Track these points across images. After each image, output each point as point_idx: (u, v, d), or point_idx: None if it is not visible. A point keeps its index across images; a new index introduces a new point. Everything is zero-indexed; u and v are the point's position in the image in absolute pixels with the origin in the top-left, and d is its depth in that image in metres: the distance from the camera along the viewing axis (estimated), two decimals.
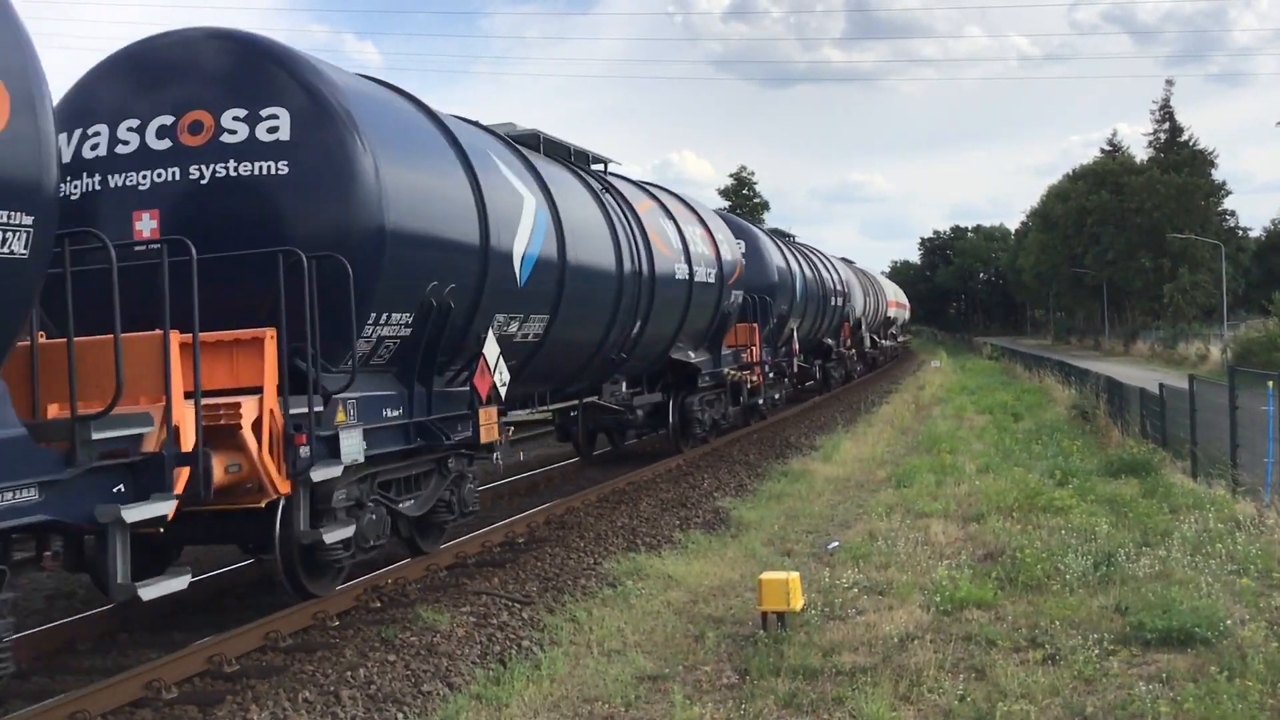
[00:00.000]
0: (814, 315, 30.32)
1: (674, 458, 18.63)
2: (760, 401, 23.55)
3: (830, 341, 34.41)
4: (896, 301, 64.43)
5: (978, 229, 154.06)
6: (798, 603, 8.46)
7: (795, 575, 8.53)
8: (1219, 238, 71.33)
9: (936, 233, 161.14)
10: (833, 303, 32.94)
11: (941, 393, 33.61)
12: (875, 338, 48.44)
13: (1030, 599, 9.08)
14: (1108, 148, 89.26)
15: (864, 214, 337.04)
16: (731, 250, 20.79)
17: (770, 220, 74.86)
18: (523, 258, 11.67)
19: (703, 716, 6.81)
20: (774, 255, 25.42)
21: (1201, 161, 77.60)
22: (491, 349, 10.85)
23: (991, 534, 11.57)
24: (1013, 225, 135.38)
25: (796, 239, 34.10)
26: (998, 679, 7.19)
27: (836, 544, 11.61)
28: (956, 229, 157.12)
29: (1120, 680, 7.13)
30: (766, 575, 8.53)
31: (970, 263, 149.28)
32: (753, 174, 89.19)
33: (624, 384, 16.72)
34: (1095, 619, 8.43)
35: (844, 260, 44.32)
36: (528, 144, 14.06)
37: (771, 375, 24.66)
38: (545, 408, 15.00)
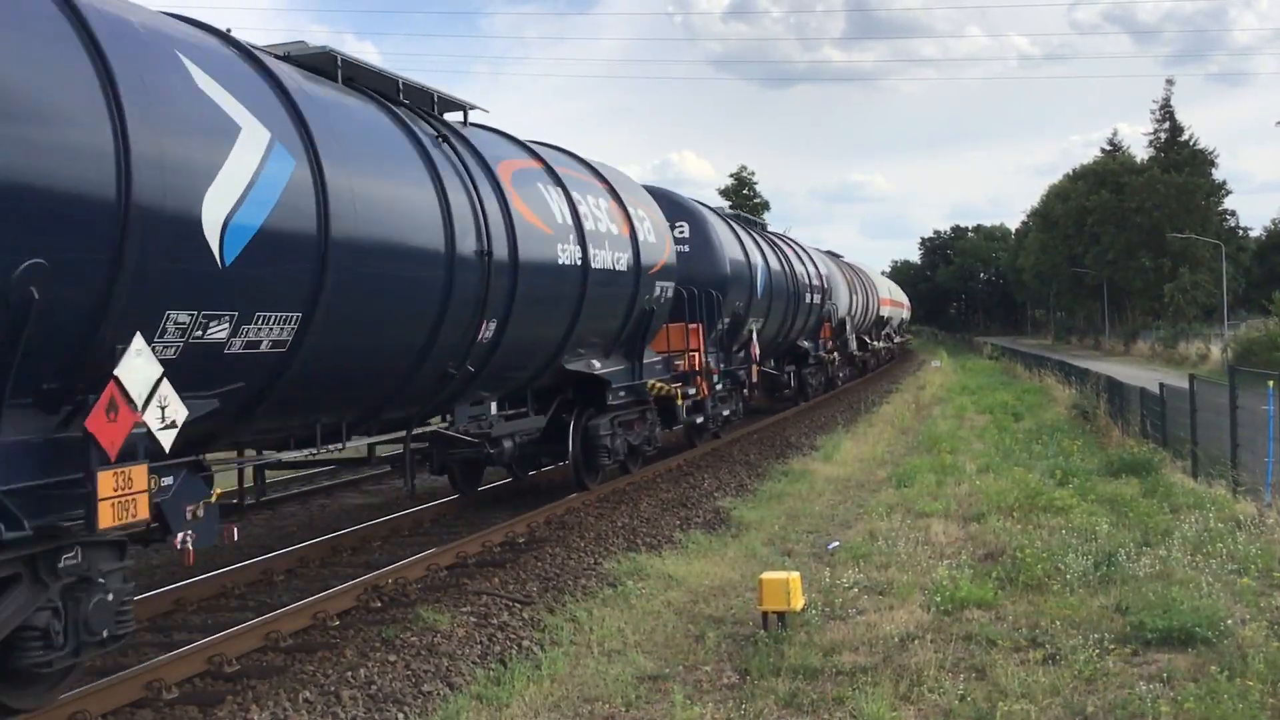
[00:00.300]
0: (782, 314, 25.94)
1: (577, 495, 14.81)
2: (702, 419, 19.38)
3: (807, 344, 30.16)
4: (892, 300, 58.58)
5: (978, 229, 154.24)
6: (798, 603, 8.46)
7: (796, 575, 8.53)
8: (1219, 237, 71.37)
9: (937, 232, 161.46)
10: (808, 300, 28.58)
11: (942, 392, 33.64)
12: (866, 339, 44.66)
13: (1030, 599, 9.08)
14: (1108, 147, 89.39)
15: (864, 214, 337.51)
16: (656, 231, 16.18)
17: (770, 220, 74.21)
18: (228, 225, 7.38)
19: (703, 716, 6.81)
20: (727, 242, 20.96)
21: (1202, 161, 77.63)
22: (137, 369, 6.60)
23: (992, 534, 11.57)
24: (1013, 225, 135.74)
25: (768, 227, 30.15)
26: (998, 679, 7.19)
27: (837, 544, 11.61)
28: (957, 229, 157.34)
29: (1120, 680, 7.13)
30: (767, 575, 8.53)
31: (970, 262, 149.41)
32: (753, 174, 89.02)
33: (494, 404, 12.55)
34: (1096, 619, 8.43)
35: (829, 254, 40.78)
36: (317, 68, 9.95)
37: (722, 386, 20.43)
38: (342, 444, 10.04)
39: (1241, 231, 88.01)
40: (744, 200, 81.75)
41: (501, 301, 11.41)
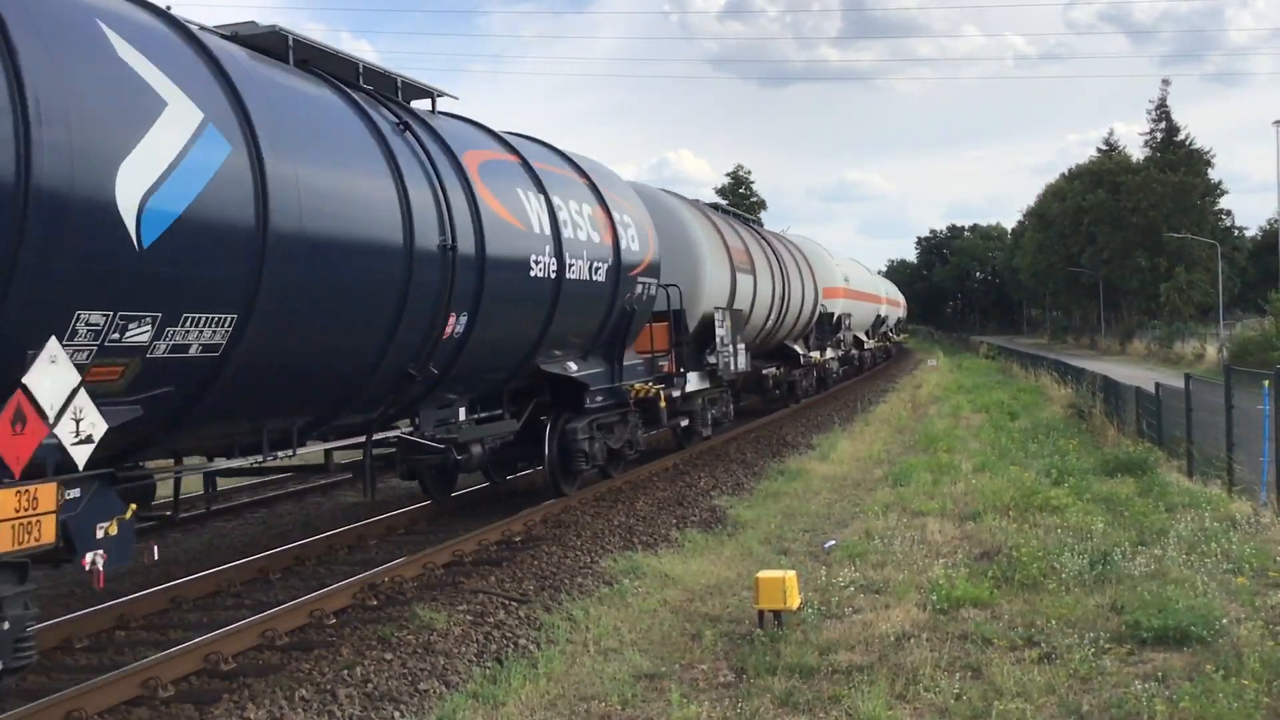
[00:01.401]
0: (433, 307, 10.34)
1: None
2: None
3: (576, 370, 14.05)
4: (849, 290, 39.00)
5: (974, 228, 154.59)
6: (794, 601, 8.47)
7: (792, 574, 8.53)
8: (1215, 237, 71.50)
9: (933, 232, 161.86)
10: (575, 274, 13.29)
11: (938, 391, 33.66)
12: (799, 349, 28.81)
13: (1026, 598, 9.09)
14: (1104, 147, 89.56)
15: (862, 213, 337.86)
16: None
17: (767, 219, 73.53)
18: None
19: (699, 715, 6.81)
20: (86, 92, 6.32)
21: (1198, 161, 77.75)
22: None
23: (988, 533, 11.58)
24: (1009, 224, 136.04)
25: (570, 157, 15.07)
26: (994, 678, 7.19)
27: (833, 543, 11.62)
28: (953, 228, 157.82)
29: (1116, 679, 7.13)
30: (763, 574, 8.53)
31: (967, 262, 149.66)
32: (750, 173, 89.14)
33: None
34: (1091, 618, 8.44)
35: (712, 206, 24.30)
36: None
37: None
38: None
39: (1237, 231, 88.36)
40: (741, 199, 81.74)
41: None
